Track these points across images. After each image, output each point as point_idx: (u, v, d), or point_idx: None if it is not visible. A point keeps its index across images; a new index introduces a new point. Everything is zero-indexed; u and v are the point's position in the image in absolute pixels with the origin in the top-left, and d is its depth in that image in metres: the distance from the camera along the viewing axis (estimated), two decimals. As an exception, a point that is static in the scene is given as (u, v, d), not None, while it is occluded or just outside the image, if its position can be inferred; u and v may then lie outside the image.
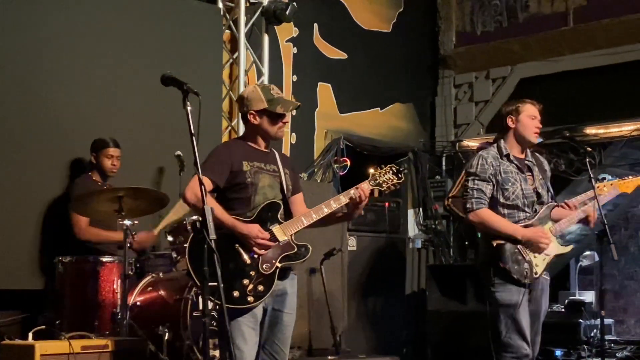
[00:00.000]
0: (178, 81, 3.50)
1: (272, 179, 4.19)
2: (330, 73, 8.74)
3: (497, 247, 4.64)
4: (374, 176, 4.26)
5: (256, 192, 4.11)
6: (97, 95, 6.41)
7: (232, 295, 3.92)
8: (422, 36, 9.94)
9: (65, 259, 5.36)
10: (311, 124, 8.52)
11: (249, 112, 4.15)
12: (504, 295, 4.65)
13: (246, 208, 4.09)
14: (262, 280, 4.01)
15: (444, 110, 9.86)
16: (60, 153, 6.11)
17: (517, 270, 4.63)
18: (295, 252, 4.11)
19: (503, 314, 4.65)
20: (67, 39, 6.29)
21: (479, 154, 4.81)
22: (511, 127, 4.82)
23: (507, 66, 9.40)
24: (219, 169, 4.07)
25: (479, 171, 4.73)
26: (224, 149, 4.25)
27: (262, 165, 4.18)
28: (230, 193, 4.12)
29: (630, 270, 12.05)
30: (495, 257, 4.65)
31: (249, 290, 3.97)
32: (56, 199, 5.97)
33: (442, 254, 9.14)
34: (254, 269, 4.01)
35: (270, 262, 4.04)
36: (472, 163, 4.80)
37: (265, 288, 4.01)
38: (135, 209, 5.31)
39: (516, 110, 4.82)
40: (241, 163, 4.12)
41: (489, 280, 4.70)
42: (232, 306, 3.88)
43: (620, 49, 8.45)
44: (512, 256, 4.64)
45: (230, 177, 4.09)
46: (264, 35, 7.89)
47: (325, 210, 4.13)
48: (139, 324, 5.14)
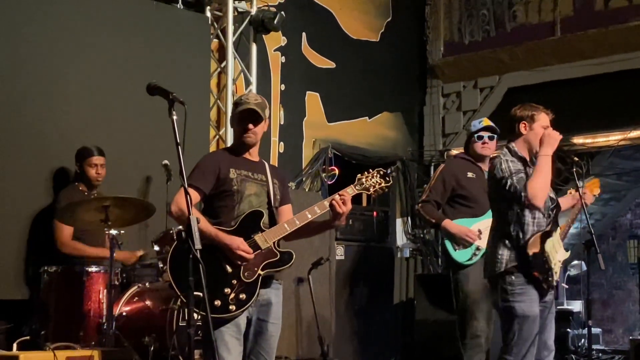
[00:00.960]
0: (163, 90, 3.48)
1: (259, 187, 4.17)
2: (318, 82, 8.73)
3: (533, 255, 4.60)
4: (360, 180, 4.22)
5: (242, 200, 4.10)
6: (84, 104, 6.39)
7: (213, 304, 3.88)
8: (410, 45, 9.96)
9: (51, 268, 5.34)
10: (299, 133, 8.51)
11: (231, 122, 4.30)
12: (524, 306, 4.60)
13: (230, 216, 4.08)
14: (244, 288, 3.99)
15: (432, 119, 9.87)
16: (46, 163, 6.08)
17: (545, 278, 4.64)
18: (278, 259, 4.08)
19: (518, 325, 4.61)
20: (52, 48, 6.27)
21: (503, 159, 4.69)
22: (523, 134, 4.79)
23: (495, 76, 9.42)
24: (205, 177, 4.08)
25: (514, 170, 4.63)
26: (211, 157, 4.28)
27: (250, 173, 4.17)
28: (216, 201, 4.11)
29: (618, 279, 12.11)
30: (527, 266, 4.60)
31: (231, 298, 3.94)
32: (41, 209, 5.93)
33: (430, 263, 9.14)
34: (235, 277, 3.99)
35: (252, 269, 4.02)
36: (501, 168, 4.65)
37: (247, 296, 3.98)
38: (122, 219, 5.28)
39: (531, 117, 4.77)
40: (228, 170, 4.12)
41: (504, 291, 4.64)
42: (215, 315, 3.84)
43: (607, 59, 8.48)
44: (543, 265, 4.63)
45: (216, 184, 4.08)
46: (252, 44, 7.88)
47: (308, 216, 4.09)
48: (124, 334, 5.12)
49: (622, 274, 12.06)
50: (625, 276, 11.99)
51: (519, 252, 4.65)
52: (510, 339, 4.65)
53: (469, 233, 5.73)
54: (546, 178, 4.60)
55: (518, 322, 4.62)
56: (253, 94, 4.38)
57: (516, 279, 4.63)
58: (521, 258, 4.64)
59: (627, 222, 12.22)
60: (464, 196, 5.89)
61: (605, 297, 12.09)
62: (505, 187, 4.65)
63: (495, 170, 4.73)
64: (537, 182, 4.58)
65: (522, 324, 4.62)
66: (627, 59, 8.34)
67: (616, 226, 12.22)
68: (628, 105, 8.39)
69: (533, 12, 9.16)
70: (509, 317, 4.66)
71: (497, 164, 4.73)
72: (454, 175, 5.89)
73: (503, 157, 4.74)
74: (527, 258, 4.62)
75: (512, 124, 4.86)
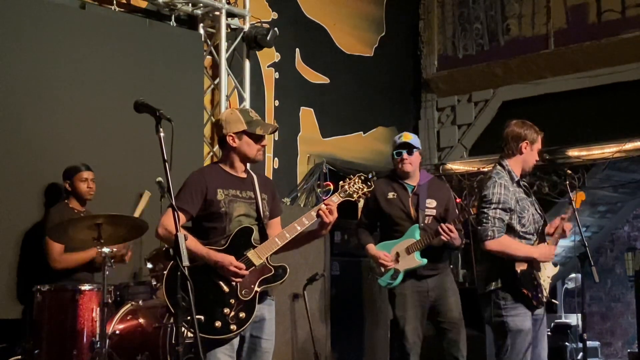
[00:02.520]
0: (150, 107, 3.47)
1: (247, 207, 4.14)
2: (312, 98, 8.74)
3: (521, 273, 4.60)
4: (343, 187, 4.21)
5: (231, 222, 4.08)
6: (76, 121, 6.38)
7: (214, 325, 3.89)
8: (404, 60, 9.98)
9: (43, 287, 5.30)
10: (294, 148, 8.51)
11: (228, 134, 4.12)
12: (517, 321, 4.61)
13: (221, 237, 4.05)
14: (243, 307, 3.97)
15: (427, 133, 9.88)
16: (38, 180, 6.06)
17: (535, 295, 4.63)
18: (273, 274, 4.07)
19: (511, 339, 4.61)
20: (45, 65, 6.27)
21: (497, 182, 4.67)
22: (522, 153, 4.78)
23: (489, 89, 9.44)
24: (192, 199, 4.04)
25: (502, 201, 4.63)
26: (198, 177, 4.16)
27: (238, 192, 4.14)
28: (205, 222, 4.08)
29: (616, 292, 12.07)
30: (515, 283, 4.61)
31: (231, 318, 3.93)
32: (33, 227, 5.90)
33: (426, 278, 9.08)
34: (233, 296, 3.97)
35: (249, 287, 4.00)
36: (491, 191, 4.65)
37: (247, 314, 3.98)
38: (115, 236, 5.25)
39: (533, 140, 4.78)
40: (215, 191, 4.08)
41: (497, 306, 4.64)
42: (216, 337, 3.86)
43: (601, 72, 8.50)
44: (531, 282, 4.63)
45: (204, 205, 4.06)
46: (245, 60, 7.89)
47: (298, 228, 4.08)
48: (118, 352, 5.09)
49: (620, 286, 12.02)
50: (623, 289, 11.94)
51: (507, 270, 4.64)
52: (503, 354, 4.65)
53: (383, 258, 5.61)
54: (513, 254, 4.61)
55: (511, 336, 4.62)
56: (252, 110, 4.27)
57: (509, 295, 4.63)
58: (509, 276, 4.63)
59: (624, 234, 12.19)
60: (385, 218, 5.80)
61: (604, 310, 12.05)
62: (483, 211, 4.64)
63: (485, 190, 4.71)
64: (509, 247, 4.60)
65: (515, 338, 4.61)
66: (621, 71, 8.37)
67: (614, 238, 12.18)
68: (623, 117, 8.40)
69: (526, 26, 9.18)
70: (502, 331, 4.65)
71: (489, 185, 4.69)
72: (374, 197, 5.76)
73: (498, 179, 4.71)
74: (515, 275, 4.62)
75: (510, 141, 4.82)
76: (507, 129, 4.87)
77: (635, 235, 12.05)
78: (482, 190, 4.75)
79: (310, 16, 8.85)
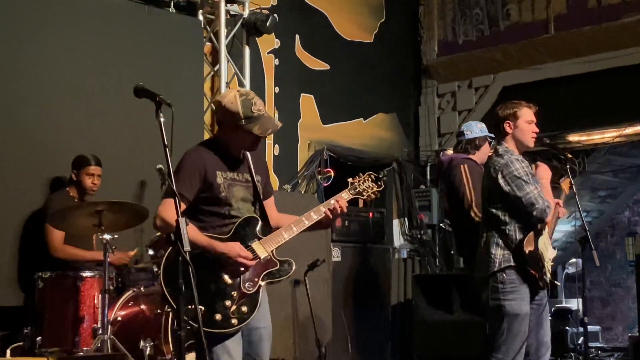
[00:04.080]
0: (150, 92, 3.46)
1: (244, 190, 3.98)
2: (312, 84, 8.72)
3: (529, 254, 4.59)
4: (354, 185, 4.12)
5: (231, 207, 3.92)
6: (77, 108, 6.37)
7: (214, 318, 3.72)
8: (404, 46, 9.95)
9: (45, 274, 5.31)
10: (294, 135, 8.50)
11: (225, 121, 3.95)
12: (514, 305, 4.62)
13: (220, 222, 3.90)
14: (245, 300, 3.80)
15: (427, 119, 9.87)
16: (39, 168, 6.06)
17: (540, 276, 4.64)
18: (278, 268, 3.92)
19: (508, 323, 4.61)
20: (46, 53, 6.26)
21: (510, 158, 4.65)
22: (509, 133, 4.76)
23: (490, 75, 9.42)
24: (191, 183, 3.84)
25: (530, 173, 4.65)
26: (196, 158, 3.92)
27: (235, 175, 3.97)
28: (203, 205, 3.90)
29: (617, 277, 12.10)
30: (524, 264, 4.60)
31: (232, 312, 3.77)
32: (35, 215, 5.90)
33: (428, 263, 9.11)
34: (235, 289, 3.80)
35: (252, 280, 3.84)
36: (515, 167, 4.61)
37: (249, 309, 3.81)
38: (115, 223, 5.26)
39: (514, 115, 4.74)
40: (215, 174, 3.90)
41: (495, 290, 4.65)
42: (216, 330, 3.71)
43: (601, 56, 8.47)
44: (537, 263, 4.63)
45: (202, 188, 3.87)
46: (245, 47, 7.87)
47: (305, 222, 3.97)
48: (120, 339, 5.10)
49: (621, 271, 12.05)
50: (624, 274, 11.97)
51: (515, 250, 4.64)
52: (499, 337, 4.65)
53: None
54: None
55: (507, 320, 4.62)
56: (258, 99, 4.01)
57: (507, 277, 4.64)
58: (518, 256, 4.63)
59: (625, 219, 12.20)
60: None
61: (605, 295, 12.08)
62: (521, 189, 4.62)
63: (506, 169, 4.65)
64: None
65: (512, 322, 4.62)
66: (621, 55, 8.35)
67: (614, 224, 12.21)
68: (623, 102, 8.39)
69: (526, 11, 9.16)
70: (499, 315, 4.65)
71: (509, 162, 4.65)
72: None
73: (509, 155, 4.69)
74: (523, 256, 4.61)
75: (496, 125, 4.86)
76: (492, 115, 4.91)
77: (636, 220, 12.07)
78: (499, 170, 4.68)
79: (310, 2, 8.82)
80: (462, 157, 5.92)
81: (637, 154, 9.37)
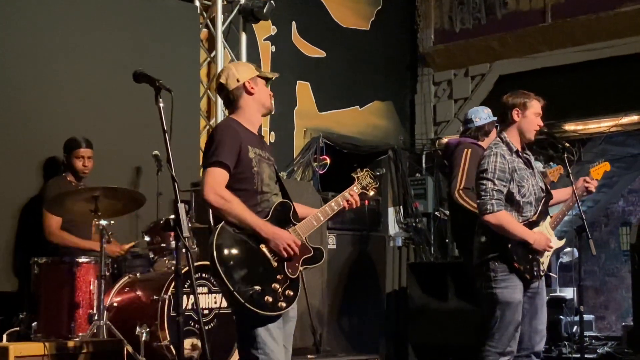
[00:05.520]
0: (150, 78, 3.46)
1: (269, 169, 3.95)
2: (309, 71, 8.70)
3: (511, 248, 4.61)
4: (359, 180, 4.19)
5: (262, 184, 3.87)
6: (73, 95, 6.35)
7: (264, 300, 3.70)
8: (400, 34, 9.93)
9: (40, 260, 5.29)
10: (290, 122, 8.49)
11: (245, 82, 3.90)
12: (506, 293, 4.62)
13: (253, 201, 3.83)
14: (289, 284, 3.80)
15: (423, 108, 9.86)
16: (34, 153, 6.04)
17: (528, 269, 4.64)
18: (312, 255, 3.94)
19: (500, 311, 4.63)
20: (41, 39, 6.23)
21: (493, 152, 4.68)
22: (515, 121, 4.76)
23: (486, 63, 9.40)
24: (231, 153, 3.77)
25: (499, 170, 4.63)
26: (231, 130, 3.85)
27: (261, 152, 3.93)
28: (235, 182, 3.80)
29: (611, 266, 12.12)
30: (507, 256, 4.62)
31: (279, 295, 3.76)
32: (30, 200, 5.89)
33: (422, 251, 9.13)
34: (280, 272, 3.79)
35: (294, 265, 3.83)
36: (487, 161, 4.66)
37: (294, 293, 3.81)
38: (111, 209, 5.25)
39: (524, 105, 4.75)
40: (247, 148, 3.83)
41: (487, 278, 4.66)
42: (267, 313, 3.70)
43: (598, 45, 8.47)
44: (525, 255, 4.64)
45: (237, 162, 3.79)
46: (242, 33, 7.85)
47: (329, 212, 4.04)
48: (116, 325, 5.10)
49: (615, 261, 12.08)
50: (618, 263, 12.00)
51: (499, 242, 4.65)
52: (492, 326, 4.67)
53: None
54: (510, 231, 4.61)
55: (500, 308, 4.64)
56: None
57: (499, 266, 4.65)
58: (501, 248, 4.65)
59: (619, 209, 12.23)
60: None
61: (598, 284, 12.11)
62: (481, 183, 4.65)
63: (482, 161, 4.72)
64: (507, 224, 4.59)
65: (504, 310, 4.63)
66: (618, 44, 8.34)
67: (608, 213, 12.23)
68: (619, 91, 8.39)
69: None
70: (491, 303, 4.67)
71: (486, 156, 4.71)
72: None
73: (495, 149, 4.71)
74: (506, 247, 4.62)
75: (503, 112, 4.84)
76: (500, 102, 4.89)
77: (630, 209, 12.10)
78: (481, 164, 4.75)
79: (307, -11, 8.80)
80: (469, 142, 5.92)
81: (633, 143, 9.38)
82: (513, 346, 4.68)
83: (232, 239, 3.72)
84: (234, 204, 3.73)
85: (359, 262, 8.01)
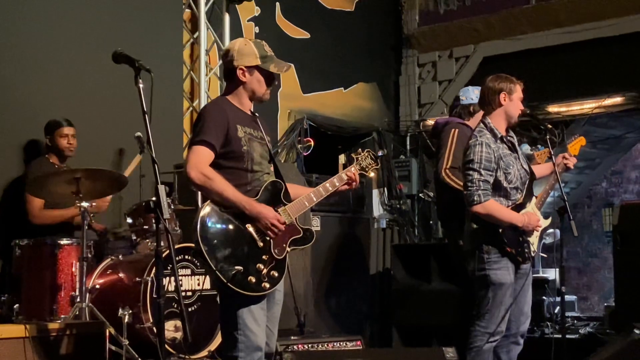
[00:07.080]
0: (129, 58, 3.43)
1: (261, 148, 3.92)
2: (293, 53, 8.63)
3: (502, 232, 4.65)
4: (359, 161, 4.14)
5: (253, 162, 3.85)
6: (53, 75, 6.30)
7: (247, 280, 3.68)
8: (385, 15, 9.90)
9: (22, 242, 5.25)
10: (274, 104, 8.45)
11: (239, 67, 3.87)
12: (499, 274, 4.67)
13: (243, 180, 3.83)
14: (275, 265, 3.78)
15: (407, 89, 9.85)
16: (16, 135, 6.00)
17: (520, 252, 4.70)
18: (302, 236, 3.92)
19: (492, 292, 4.68)
20: (20, 18, 6.17)
21: (478, 141, 4.67)
22: (502, 105, 4.76)
23: (470, 45, 9.40)
24: (217, 133, 3.75)
25: (485, 160, 4.64)
26: (219, 109, 3.85)
27: (252, 131, 3.91)
28: (224, 161, 3.80)
29: (593, 247, 12.19)
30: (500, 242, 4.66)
31: (263, 275, 3.74)
32: (12, 182, 5.86)
33: (407, 233, 9.15)
34: (266, 252, 3.77)
35: (280, 246, 3.81)
36: (472, 151, 4.67)
37: (279, 274, 3.79)
38: (93, 191, 5.21)
39: (510, 90, 4.76)
40: (236, 127, 3.81)
41: (480, 260, 4.70)
42: (249, 293, 3.68)
43: (581, 27, 8.48)
44: (515, 238, 4.69)
45: (225, 142, 3.78)
46: (225, 14, 7.80)
47: (323, 193, 3.99)
48: (98, 307, 5.07)
49: (597, 242, 12.14)
50: (600, 244, 12.07)
51: (490, 228, 4.67)
52: (484, 307, 4.72)
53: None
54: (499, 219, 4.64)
55: (492, 290, 4.69)
56: (266, 44, 3.99)
57: (492, 248, 4.69)
58: (492, 234, 4.67)
59: (602, 190, 12.28)
60: None
61: (581, 265, 12.18)
62: (468, 174, 4.66)
63: (468, 151, 4.72)
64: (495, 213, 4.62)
65: (497, 291, 4.68)
66: (602, 26, 8.34)
67: (591, 194, 12.28)
68: (602, 73, 8.41)
69: (508, -19, 9.12)
70: (484, 284, 4.71)
71: (471, 145, 4.71)
72: None
73: (479, 137, 4.71)
74: (497, 232, 4.65)
75: (488, 97, 4.82)
76: (483, 86, 4.88)
77: (613, 191, 12.15)
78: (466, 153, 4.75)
79: (291, -30, 8.74)
80: (457, 122, 5.91)
81: (615, 125, 9.39)
82: (502, 327, 4.75)
83: (217, 217, 3.70)
84: (215, 181, 3.70)
85: (343, 244, 8.02)
